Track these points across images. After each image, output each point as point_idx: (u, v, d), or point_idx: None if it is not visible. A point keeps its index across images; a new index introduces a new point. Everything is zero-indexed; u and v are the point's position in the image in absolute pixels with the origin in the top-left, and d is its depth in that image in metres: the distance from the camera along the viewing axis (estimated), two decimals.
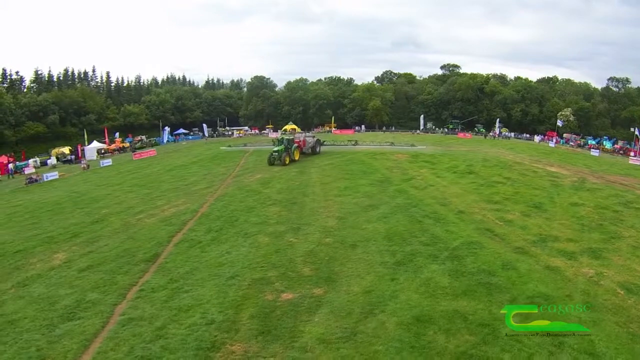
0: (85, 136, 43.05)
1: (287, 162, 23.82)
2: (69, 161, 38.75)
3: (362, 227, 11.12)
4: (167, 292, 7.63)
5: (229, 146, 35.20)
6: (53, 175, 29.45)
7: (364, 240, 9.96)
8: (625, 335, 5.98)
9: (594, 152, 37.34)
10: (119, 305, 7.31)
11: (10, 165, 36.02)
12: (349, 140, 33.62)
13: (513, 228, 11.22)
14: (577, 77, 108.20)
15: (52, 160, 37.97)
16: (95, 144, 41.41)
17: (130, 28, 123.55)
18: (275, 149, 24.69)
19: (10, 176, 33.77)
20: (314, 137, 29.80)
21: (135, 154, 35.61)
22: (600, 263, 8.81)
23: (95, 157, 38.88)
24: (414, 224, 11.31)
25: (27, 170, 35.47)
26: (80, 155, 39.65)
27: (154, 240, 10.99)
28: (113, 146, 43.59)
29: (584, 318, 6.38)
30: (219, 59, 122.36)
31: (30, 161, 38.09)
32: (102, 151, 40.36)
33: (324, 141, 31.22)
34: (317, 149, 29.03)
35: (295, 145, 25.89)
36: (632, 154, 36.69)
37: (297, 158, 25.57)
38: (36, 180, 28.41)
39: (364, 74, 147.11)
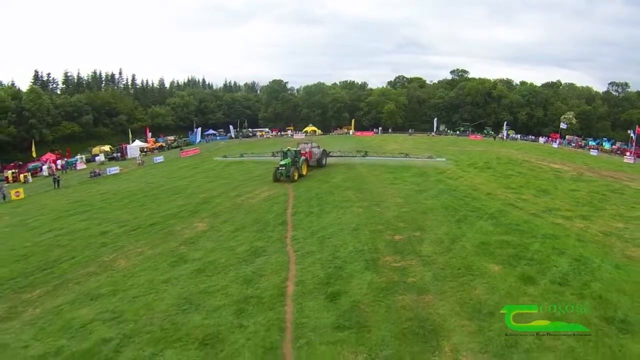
0: (130, 135, 47.90)
1: (295, 178, 22.10)
2: (114, 158, 43.62)
3: (422, 202, 16.10)
4: (315, 239, 12.36)
5: (224, 156, 34.75)
6: (115, 169, 34.28)
7: (429, 210, 14.94)
8: (601, 251, 10.93)
9: (593, 152, 42.64)
10: (287, 247, 11.84)
11: (60, 162, 40.98)
12: (358, 151, 31.01)
13: (528, 203, 16.25)
14: (580, 78, 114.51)
15: (101, 157, 42.92)
16: (138, 143, 46.24)
17: (135, 30, 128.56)
18: (282, 162, 22.77)
19: (64, 171, 38.66)
20: (319, 147, 27.90)
21: (182, 152, 40.56)
22: (588, 222, 13.81)
23: (138, 155, 43.65)
24: (458, 201, 16.30)
25: (79, 166, 40.41)
26: (124, 153, 44.48)
27: (272, 213, 15.88)
28: (150, 145, 48.43)
29: (577, 245, 11.32)
30: (220, 61, 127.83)
31: (78, 158, 43.01)
32: (145, 149, 45.20)
33: (330, 152, 29.46)
34: (324, 161, 27.09)
35: (303, 157, 23.97)
36: (627, 153, 41.92)
37: (304, 173, 23.57)
38: (99, 174, 33.28)
39: (367, 76, 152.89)
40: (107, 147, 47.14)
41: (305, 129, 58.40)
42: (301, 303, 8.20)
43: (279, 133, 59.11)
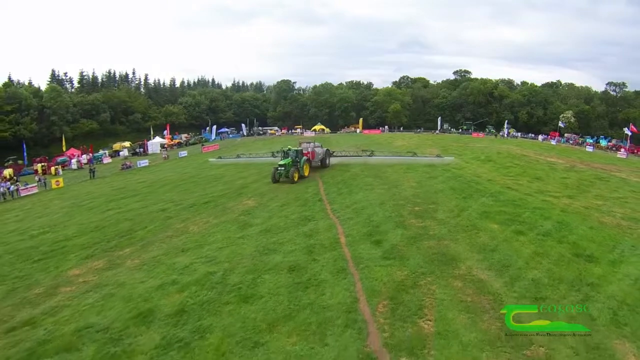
0: (152, 132, 50.98)
1: (295, 179, 21.66)
2: (137, 153, 46.68)
3: (433, 186, 19.21)
4: (351, 210, 15.41)
5: (219, 157, 34.85)
6: (144, 162, 37.35)
7: (439, 191, 18.04)
8: (579, 218, 14.01)
9: (589, 149, 45.72)
10: (329, 216, 14.92)
11: (84, 156, 44.14)
12: (363, 151, 30.20)
13: (523, 187, 19.37)
14: (583, 78, 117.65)
15: (125, 152, 45.93)
16: (158, 139, 49.34)
17: (139, 31, 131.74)
18: (281, 162, 22.28)
19: (92, 165, 41.72)
20: (321, 146, 27.32)
21: (203, 148, 43.71)
22: (572, 200, 16.90)
23: (158, 151, 46.75)
24: (464, 184, 19.42)
25: (105, 160, 43.52)
26: (145, 148, 47.58)
27: (309, 193, 18.95)
28: (168, 142, 51.58)
29: (561, 214, 14.38)
30: (222, 61, 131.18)
31: (102, 153, 46.14)
32: (165, 145, 48.32)
33: (333, 152, 29.09)
34: (327, 161, 26.77)
35: (305, 157, 23.43)
36: (621, 150, 44.95)
37: (306, 174, 23.15)
38: (129, 167, 36.35)
39: (370, 76, 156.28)
40: (127, 144, 50.25)
41: (314, 128, 61.46)
42: (354, 246, 11.28)
43: (289, 131, 62.16)
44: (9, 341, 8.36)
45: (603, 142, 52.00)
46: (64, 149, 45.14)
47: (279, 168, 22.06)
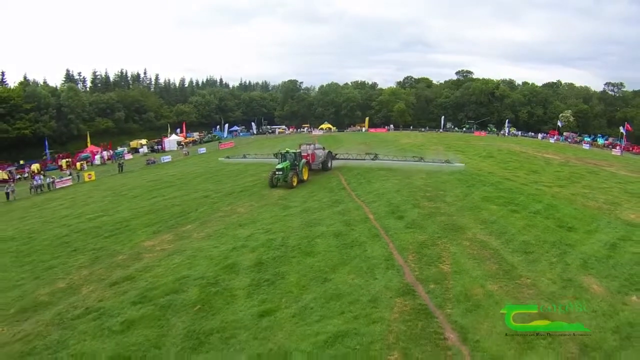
0: (169, 129, 53.90)
1: (294, 184, 21.33)
2: (155, 150, 49.62)
3: (441, 177, 22.21)
4: (373, 195, 18.41)
5: (227, 157, 35.67)
6: (167, 158, 40.30)
7: (446, 181, 21.05)
8: (567, 202, 17.04)
9: (585, 146, 48.83)
10: (355, 200, 17.93)
11: (105, 153, 47.07)
12: (367, 154, 28.63)
13: (520, 178, 22.43)
14: (584, 77, 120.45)
15: (144, 149, 48.86)
16: (175, 137, 52.29)
17: (141, 31, 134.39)
18: (279, 166, 21.80)
19: (113, 161, 44.68)
20: (323, 148, 26.85)
21: (220, 145, 46.72)
22: (562, 189, 19.95)
23: (175, 148, 49.66)
24: (468, 176, 22.43)
25: (127, 157, 46.46)
26: (163, 145, 50.53)
27: (333, 183, 21.93)
28: (184, 139, 54.56)
29: (551, 199, 17.41)
30: (224, 60, 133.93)
31: (123, 149, 49.06)
32: (182, 143, 51.30)
33: (336, 154, 28.40)
34: (329, 164, 26.10)
35: (304, 160, 22.99)
36: (617, 147, 48.02)
37: (305, 177, 22.76)
38: (154, 162, 39.29)
39: (371, 75, 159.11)
40: (143, 141, 53.21)
41: (322, 126, 64.45)
42: (381, 220, 14.31)
43: (297, 130, 65.13)
44: (115, 292, 11.03)
45: (600, 141, 55.09)
46: (88, 144, 48.05)
47: (277, 172, 21.64)
